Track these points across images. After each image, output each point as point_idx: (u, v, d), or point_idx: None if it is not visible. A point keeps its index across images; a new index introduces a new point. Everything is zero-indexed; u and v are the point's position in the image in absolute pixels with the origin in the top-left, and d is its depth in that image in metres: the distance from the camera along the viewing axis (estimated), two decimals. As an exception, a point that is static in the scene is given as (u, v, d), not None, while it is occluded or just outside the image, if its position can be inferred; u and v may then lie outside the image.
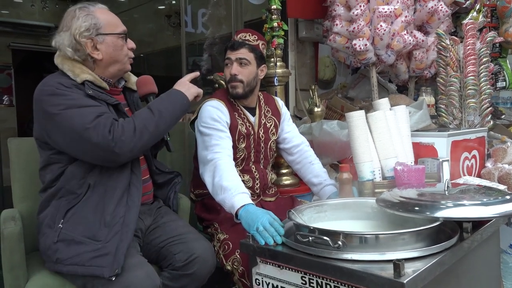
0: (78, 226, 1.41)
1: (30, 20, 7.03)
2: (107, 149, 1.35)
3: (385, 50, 2.60)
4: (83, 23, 1.43)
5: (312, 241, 1.14)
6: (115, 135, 1.35)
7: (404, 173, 1.56)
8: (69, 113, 1.36)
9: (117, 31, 1.51)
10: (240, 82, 1.81)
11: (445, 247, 1.10)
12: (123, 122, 1.40)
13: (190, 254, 1.51)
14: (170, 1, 5.51)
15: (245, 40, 1.82)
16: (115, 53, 1.50)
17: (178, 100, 1.50)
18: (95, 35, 1.45)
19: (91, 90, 1.42)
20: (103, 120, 1.36)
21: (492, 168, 2.08)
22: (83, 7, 1.48)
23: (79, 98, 1.39)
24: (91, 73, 1.47)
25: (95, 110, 1.38)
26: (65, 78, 1.43)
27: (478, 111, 2.26)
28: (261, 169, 1.92)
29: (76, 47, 1.44)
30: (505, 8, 3.04)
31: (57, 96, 1.38)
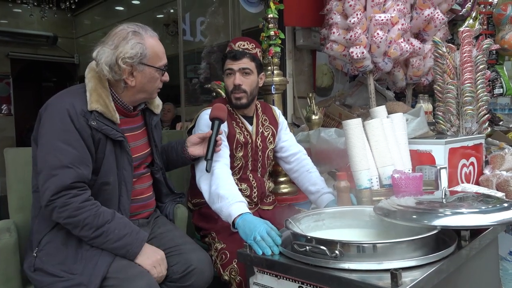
0: (51, 257, 1.40)
1: (29, 30, 7.07)
2: (42, 202, 1.35)
3: (382, 58, 2.61)
4: (131, 49, 1.42)
5: (309, 250, 1.14)
6: (56, 202, 1.32)
7: (401, 181, 1.56)
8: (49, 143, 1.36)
9: (158, 64, 1.50)
10: (244, 92, 1.81)
11: (443, 256, 1.10)
12: (79, 205, 1.34)
13: (187, 265, 1.49)
14: (168, 10, 5.54)
15: (245, 49, 1.81)
16: (149, 84, 1.51)
17: (123, 254, 1.41)
18: (137, 64, 1.45)
19: (95, 121, 1.40)
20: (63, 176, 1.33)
21: (490, 175, 2.07)
22: (137, 32, 1.46)
23: (68, 132, 1.37)
24: (106, 103, 1.44)
25: (68, 156, 1.35)
26: (80, 101, 1.42)
27: (475, 118, 2.26)
28: (259, 178, 1.92)
29: (114, 68, 1.43)
30: (501, 16, 3.06)
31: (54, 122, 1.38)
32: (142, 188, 1.62)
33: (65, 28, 7.69)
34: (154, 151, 1.66)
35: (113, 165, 1.46)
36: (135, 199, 1.58)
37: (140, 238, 1.44)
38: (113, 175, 1.46)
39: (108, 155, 1.45)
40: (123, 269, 1.37)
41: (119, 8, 6.83)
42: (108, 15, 6.99)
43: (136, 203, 1.58)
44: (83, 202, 1.36)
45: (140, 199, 1.60)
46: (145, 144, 1.63)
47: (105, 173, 1.45)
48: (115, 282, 1.34)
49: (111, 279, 1.35)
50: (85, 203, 1.36)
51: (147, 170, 1.65)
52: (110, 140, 1.45)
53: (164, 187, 1.72)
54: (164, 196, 1.74)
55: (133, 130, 1.58)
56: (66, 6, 6.24)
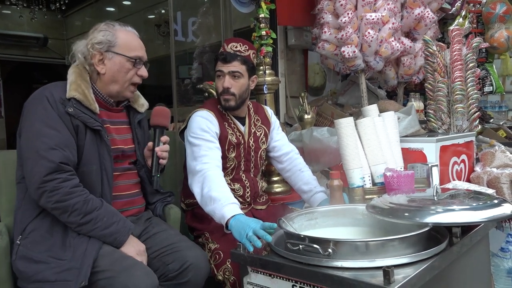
0: (37, 245, 1.40)
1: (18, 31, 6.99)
2: (30, 187, 1.36)
3: (373, 57, 2.63)
4: (100, 36, 1.50)
5: (303, 249, 1.14)
6: (47, 186, 1.34)
7: (393, 179, 1.57)
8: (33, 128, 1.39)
9: (129, 54, 1.53)
10: (232, 95, 1.81)
11: (434, 253, 1.11)
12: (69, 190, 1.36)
13: (183, 262, 1.50)
14: (159, 10, 5.52)
15: (236, 51, 1.80)
16: (118, 73, 1.53)
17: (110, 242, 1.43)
18: (105, 51, 1.50)
19: (72, 108, 1.44)
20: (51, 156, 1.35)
21: (481, 172, 2.10)
22: (110, 23, 1.55)
23: (51, 118, 1.40)
24: (85, 93, 1.48)
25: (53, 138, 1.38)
26: (60, 91, 1.46)
27: (466, 115, 2.29)
28: (251, 178, 1.92)
29: (86, 56, 1.50)
30: (490, 14, 3.11)
31: (35, 109, 1.42)
32: (127, 185, 1.62)
33: (55, 30, 7.62)
34: (137, 148, 1.66)
35: (95, 154, 1.48)
36: (120, 195, 1.58)
37: (127, 227, 1.47)
38: (95, 164, 1.48)
39: (88, 143, 1.47)
40: (117, 261, 1.38)
41: (110, 9, 6.78)
42: (99, 16, 6.93)
43: (121, 199, 1.58)
44: (73, 188, 1.37)
45: (125, 195, 1.60)
46: (129, 140, 1.64)
47: (87, 161, 1.46)
48: (112, 274, 1.34)
49: (107, 271, 1.35)
50: (75, 188, 1.38)
51: (132, 167, 1.65)
52: (90, 129, 1.47)
53: (148, 186, 1.70)
54: (150, 195, 1.72)
55: (115, 124, 1.59)
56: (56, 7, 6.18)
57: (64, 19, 7.66)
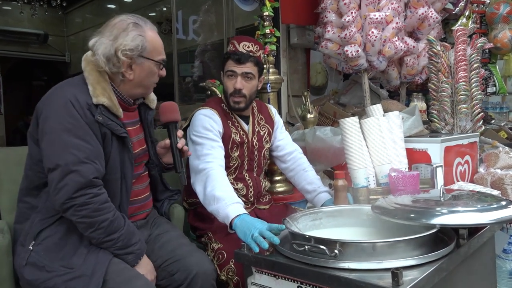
0: (50, 252, 1.35)
1: (19, 28, 6.97)
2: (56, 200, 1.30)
3: (376, 56, 2.61)
4: (131, 41, 1.37)
5: (308, 250, 1.13)
6: (77, 200, 1.28)
7: (399, 179, 1.56)
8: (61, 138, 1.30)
9: (157, 58, 1.45)
10: (243, 97, 1.77)
11: (442, 254, 1.10)
12: (98, 207, 1.30)
13: (188, 272, 1.46)
14: (161, 8, 5.50)
15: (249, 51, 1.76)
16: (147, 78, 1.46)
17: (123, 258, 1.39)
18: (136, 56, 1.39)
19: (101, 116, 1.36)
20: (83, 171, 1.28)
21: (484, 173, 2.09)
22: (137, 23, 1.40)
23: (79, 127, 1.32)
24: (111, 97, 1.39)
25: (84, 150, 1.30)
26: (83, 93, 1.36)
27: (469, 116, 2.28)
28: (255, 177, 1.90)
29: (113, 60, 1.37)
30: (493, 15, 3.09)
31: (60, 115, 1.32)
32: (140, 189, 1.58)
33: (56, 26, 7.60)
34: (150, 147, 1.61)
35: (117, 162, 1.42)
36: (134, 200, 1.54)
37: (142, 249, 1.44)
38: (117, 173, 1.43)
39: (114, 150, 1.41)
40: (121, 272, 1.35)
41: (110, 6, 6.77)
42: (99, 13, 6.92)
43: (134, 204, 1.55)
44: (102, 204, 1.32)
45: (138, 200, 1.57)
46: (141, 141, 1.59)
47: (110, 169, 1.40)
48: (113, 285, 1.32)
49: (109, 281, 1.32)
50: (105, 205, 1.33)
51: (145, 169, 1.62)
52: (115, 136, 1.41)
53: (160, 184, 1.68)
54: (159, 193, 1.70)
55: (131, 125, 1.52)
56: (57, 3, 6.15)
57: (64, 16, 7.65)
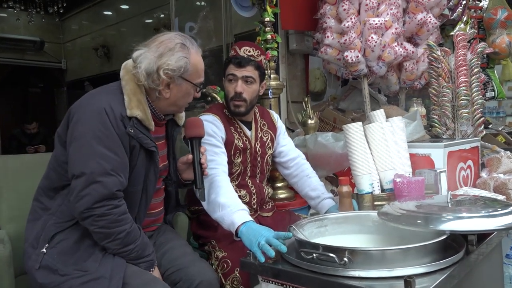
0: (64, 256, 1.34)
1: (15, 34, 6.93)
2: (76, 208, 1.29)
3: (376, 62, 2.61)
4: (175, 62, 1.37)
5: (317, 258, 1.11)
6: (97, 210, 1.27)
7: (404, 185, 1.55)
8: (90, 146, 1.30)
9: (196, 81, 1.45)
10: (244, 101, 1.77)
11: (453, 262, 1.08)
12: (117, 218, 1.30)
13: (191, 281, 1.45)
14: (158, 14, 5.49)
15: (250, 56, 1.76)
16: (182, 98, 1.46)
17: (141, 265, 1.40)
18: (177, 77, 1.40)
19: (133, 129, 1.36)
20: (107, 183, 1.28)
21: (487, 178, 2.08)
22: (184, 45, 1.40)
23: (110, 137, 1.32)
24: (145, 110, 1.39)
25: (111, 162, 1.30)
26: (118, 104, 1.36)
27: (470, 121, 2.27)
28: (258, 184, 1.89)
29: (153, 76, 1.37)
30: (491, 20, 3.11)
31: (92, 123, 1.31)
32: (156, 203, 1.57)
33: (52, 33, 7.56)
34: (171, 163, 1.61)
35: (141, 174, 1.42)
36: (150, 213, 1.53)
37: (153, 261, 1.43)
38: (139, 185, 1.42)
39: (139, 163, 1.40)
40: (137, 275, 1.35)
41: (107, 13, 6.74)
42: (96, 20, 6.90)
43: (149, 218, 1.54)
44: (121, 215, 1.32)
45: (153, 214, 1.56)
46: (164, 156, 1.58)
47: (133, 181, 1.40)
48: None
49: (126, 284, 1.31)
50: (123, 216, 1.33)
51: (162, 184, 1.61)
52: (143, 149, 1.40)
53: (173, 200, 1.68)
54: (171, 207, 1.70)
55: (158, 140, 1.52)
56: (54, 10, 6.14)
57: (61, 23, 7.61)
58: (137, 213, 1.44)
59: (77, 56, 7.52)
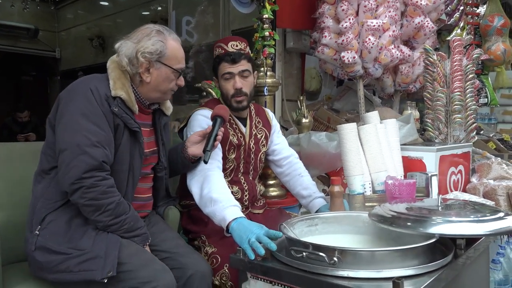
0: (55, 236, 1.37)
1: (9, 21, 6.83)
2: (65, 181, 1.33)
3: (372, 63, 2.62)
4: (151, 45, 1.46)
5: (306, 256, 1.11)
6: (85, 182, 1.32)
7: (395, 187, 1.56)
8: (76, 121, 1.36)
9: (176, 66, 1.52)
10: (245, 95, 1.78)
11: (441, 265, 1.09)
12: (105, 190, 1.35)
13: (184, 271, 1.46)
14: (156, 7, 5.46)
15: (239, 49, 1.77)
16: (163, 83, 1.52)
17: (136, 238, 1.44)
18: (154, 60, 1.47)
19: (117, 107, 1.43)
20: (94, 153, 1.34)
21: (477, 183, 2.10)
22: (161, 31, 1.50)
23: (95, 113, 1.39)
24: (129, 92, 1.47)
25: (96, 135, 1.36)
26: (104, 86, 1.45)
27: (463, 126, 2.29)
28: (250, 181, 1.88)
29: (133, 61, 1.46)
30: (488, 27, 3.14)
31: (79, 101, 1.39)
32: (143, 188, 1.61)
33: (47, 21, 7.47)
34: (161, 149, 1.64)
35: (126, 154, 1.47)
36: (137, 197, 1.56)
37: (146, 236, 1.47)
38: (125, 164, 1.47)
39: (124, 143, 1.46)
40: (135, 255, 1.37)
41: (103, 3, 6.68)
42: (92, 10, 6.83)
43: (137, 202, 1.56)
44: (109, 187, 1.37)
45: (140, 198, 1.59)
46: (152, 143, 1.62)
47: (119, 160, 1.45)
48: (131, 267, 1.33)
49: (126, 264, 1.33)
50: (111, 188, 1.38)
51: (151, 171, 1.64)
52: (127, 129, 1.46)
53: (163, 190, 1.69)
54: (160, 199, 1.71)
55: (144, 126, 1.58)
56: (49, -2, 6.07)
57: (56, 11, 7.53)
58: (124, 194, 1.47)
59: (71, 46, 7.45)
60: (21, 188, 1.56)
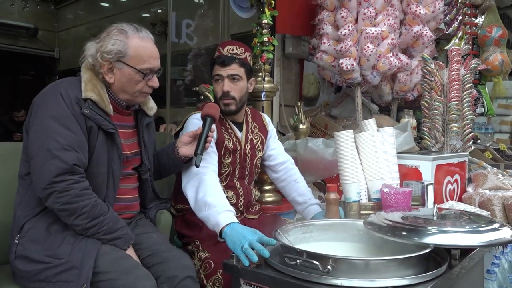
0: (34, 244, 1.35)
1: (8, 20, 6.83)
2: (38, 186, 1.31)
3: (370, 71, 2.62)
4: (110, 45, 1.41)
5: (300, 264, 1.10)
6: (56, 186, 1.29)
7: (391, 195, 1.55)
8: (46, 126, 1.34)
9: (140, 66, 1.45)
10: (232, 99, 1.77)
11: (436, 275, 1.08)
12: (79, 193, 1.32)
13: (167, 267, 1.45)
14: (156, 9, 5.46)
15: (233, 54, 1.77)
16: (127, 84, 1.47)
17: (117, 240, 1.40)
18: (115, 61, 1.43)
19: (88, 110, 1.39)
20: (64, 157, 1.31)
21: (473, 193, 2.10)
22: (123, 30, 1.44)
23: (65, 116, 1.36)
24: (101, 94, 1.44)
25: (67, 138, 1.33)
26: (75, 89, 1.41)
27: (460, 135, 2.30)
28: (246, 186, 1.88)
29: (95, 62, 1.44)
30: (486, 37, 3.15)
31: (49, 106, 1.37)
32: (127, 188, 1.59)
33: (46, 21, 7.47)
34: (143, 151, 1.62)
35: (104, 156, 1.44)
36: (120, 198, 1.54)
37: (129, 236, 1.44)
38: (103, 167, 1.44)
39: (99, 145, 1.43)
40: (117, 262, 1.35)
41: (104, 4, 6.68)
42: (92, 11, 6.83)
43: (120, 203, 1.55)
44: (83, 190, 1.34)
45: (124, 199, 1.57)
46: (134, 144, 1.60)
47: (96, 163, 1.42)
48: (112, 276, 1.31)
49: (107, 273, 1.31)
50: (85, 191, 1.35)
51: (134, 172, 1.62)
52: (102, 130, 1.43)
53: (150, 192, 1.67)
54: (148, 200, 1.69)
55: (123, 128, 1.55)
56: (49, -2, 6.07)
57: (56, 11, 7.52)
58: (105, 196, 1.45)
59: (70, 46, 7.43)
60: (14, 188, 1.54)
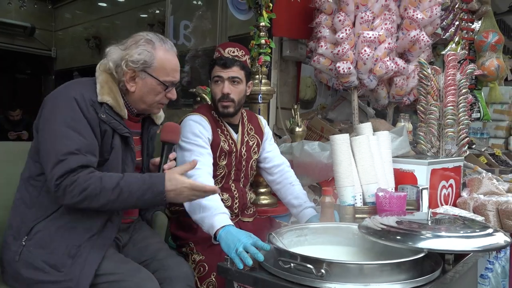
0: (40, 249, 1.34)
1: (5, 18, 6.81)
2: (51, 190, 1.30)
3: (367, 75, 2.63)
4: (137, 54, 1.40)
5: (294, 267, 1.10)
6: (63, 183, 1.27)
7: (386, 199, 1.55)
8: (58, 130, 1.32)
9: (163, 78, 1.44)
10: (231, 101, 1.76)
11: (429, 280, 1.08)
12: (85, 177, 1.29)
13: (167, 273, 1.44)
14: (154, 10, 5.46)
15: (235, 56, 1.76)
16: (148, 95, 1.45)
17: (152, 199, 1.33)
18: (140, 70, 1.41)
19: (105, 114, 1.37)
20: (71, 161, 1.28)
21: (467, 198, 2.10)
22: (151, 40, 1.43)
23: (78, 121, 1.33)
24: (117, 98, 1.41)
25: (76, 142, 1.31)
26: (89, 91, 1.39)
27: (455, 140, 2.30)
28: (241, 188, 1.87)
29: (117, 68, 1.42)
30: (482, 43, 3.17)
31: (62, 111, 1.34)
32: None
33: (44, 20, 7.45)
34: (145, 160, 1.60)
35: (119, 159, 1.43)
36: None
37: (161, 176, 1.34)
38: (117, 170, 1.42)
39: (116, 148, 1.41)
40: (120, 264, 1.35)
41: (102, 4, 6.67)
42: (90, 10, 6.82)
43: None
44: (88, 174, 1.30)
45: None
46: (138, 152, 1.57)
47: (111, 166, 1.40)
48: (115, 278, 1.31)
49: (110, 275, 1.31)
50: (91, 174, 1.30)
51: None
52: (117, 134, 1.41)
53: None
54: None
55: (133, 135, 1.52)
56: (46, -3, 6.06)
57: (53, 10, 7.51)
58: None
59: (67, 45, 7.41)
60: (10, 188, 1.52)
